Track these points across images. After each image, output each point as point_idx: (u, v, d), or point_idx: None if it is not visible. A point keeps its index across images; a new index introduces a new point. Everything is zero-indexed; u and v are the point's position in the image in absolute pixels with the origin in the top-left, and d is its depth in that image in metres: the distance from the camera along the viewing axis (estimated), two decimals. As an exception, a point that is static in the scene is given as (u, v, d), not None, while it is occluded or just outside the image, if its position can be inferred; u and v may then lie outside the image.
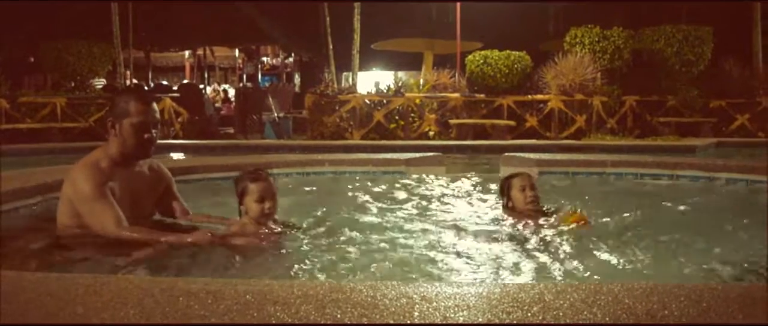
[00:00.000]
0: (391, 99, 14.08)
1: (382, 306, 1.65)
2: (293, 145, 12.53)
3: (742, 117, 15.06)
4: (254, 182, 3.14)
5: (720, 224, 3.61)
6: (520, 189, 3.91)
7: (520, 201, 3.89)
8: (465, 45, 16.46)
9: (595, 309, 1.61)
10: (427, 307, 1.63)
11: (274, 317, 1.60)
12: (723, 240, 3.14)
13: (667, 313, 1.60)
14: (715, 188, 5.35)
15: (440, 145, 12.01)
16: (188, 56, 25.20)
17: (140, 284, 1.92)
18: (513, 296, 1.71)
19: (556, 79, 13.96)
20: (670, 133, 14.08)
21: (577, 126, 14.01)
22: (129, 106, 3.14)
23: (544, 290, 1.76)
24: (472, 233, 3.46)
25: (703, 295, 1.73)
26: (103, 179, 3.08)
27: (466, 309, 1.62)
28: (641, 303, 1.66)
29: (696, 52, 14.84)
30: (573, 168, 5.80)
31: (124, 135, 3.15)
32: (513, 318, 1.57)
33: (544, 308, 1.63)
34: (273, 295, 1.74)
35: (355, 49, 14.99)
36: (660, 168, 5.72)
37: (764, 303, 1.68)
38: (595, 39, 14.46)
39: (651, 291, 1.76)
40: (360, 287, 1.77)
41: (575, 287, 1.77)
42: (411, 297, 1.70)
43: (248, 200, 3.13)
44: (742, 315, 1.61)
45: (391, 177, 5.78)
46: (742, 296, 1.74)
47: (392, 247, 3.00)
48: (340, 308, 1.65)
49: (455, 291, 1.75)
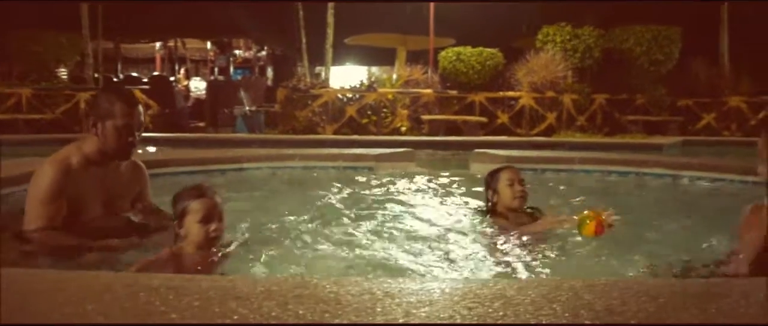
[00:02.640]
0: (364, 94, 14.07)
1: (345, 302, 1.65)
2: (265, 139, 12.44)
3: (708, 116, 15.35)
4: (197, 199, 2.70)
5: (677, 220, 3.68)
6: (507, 184, 3.64)
7: (507, 197, 3.63)
8: (438, 41, 16.50)
9: (555, 305, 1.64)
10: (390, 303, 1.64)
11: (237, 313, 1.59)
12: (676, 236, 3.20)
13: (626, 309, 1.63)
14: (679, 185, 5.45)
15: (412, 140, 12.03)
16: (159, 48, 24.85)
17: (102, 280, 1.90)
18: (475, 292, 1.73)
19: (528, 76, 14.07)
20: (639, 131, 14.30)
21: (547, 123, 14.14)
22: (114, 107, 3.09)
23: (505, 286, 1.78)
24: (436, 229, 3.47)
25: (662, 291, 1.77)
26: (65, 178, 3.03)
27: (428, 305, 1.63)
28: (601, 299, 1.69)
29: (665, 52, 15.09)
30: (541, 165, 5.87)
31: (107, 136, 3.10)
32: (474, 313, 1.59)
33: (505, 304, 1.65)
34: (235, 291, 1.74)
35: (328, 43, 14.93)
36: (626, 165, 5.81)
37: (720, 299, 1.72)
38: (566, 37, 14.61)
39: (611, 287, 1.79)
40: (324, 283, 1.78)
41: (536, 283, 1.79)
42: (374, 293, 1.70)
43: (189, 221, 2.69)
44: (698, 310, 1.64)
45: (360, 172, 5.78)
46: (700, 292, 1.78)
47: (356, 243, 3.00)
48: (302, 304, 1.65)
49: (418, 287, 1.76)
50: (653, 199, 4.60)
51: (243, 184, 5.31)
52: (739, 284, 1.98)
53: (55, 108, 13.95)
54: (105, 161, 3.19)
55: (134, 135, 3.14)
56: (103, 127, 3.09)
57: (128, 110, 3.09)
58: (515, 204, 3.61)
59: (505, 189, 3.63)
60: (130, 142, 3.13)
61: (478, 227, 3.56)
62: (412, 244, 3.08)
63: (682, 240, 3.30)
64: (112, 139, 3.09)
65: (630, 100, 15.13)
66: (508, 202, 3.62)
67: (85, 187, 3.09)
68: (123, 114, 3.07)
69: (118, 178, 3.28)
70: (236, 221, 3.32)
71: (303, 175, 5.81)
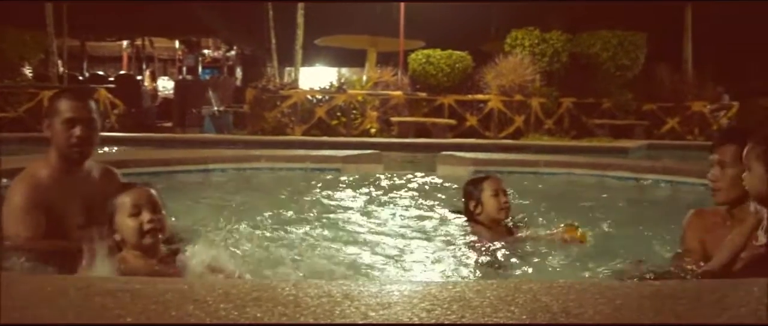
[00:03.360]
0: (334, 95, 14.04)
1: (303, 305, 1.64)
2: (233, 139, 12.35)
3: (672, 120, 15.66)
4: (124, 193, 2.44)
5: (639, 222, 3.74)
6: (492, 194, 3.46)
7: (492, 207, 3.45)
8: (408, 43, 16.55)
9: (513, 307, 1.65)
10: (349, 306, 1.64)
11: (194, 316, 1.58)
12: (637, 238, 3.25)
13: (583, 310, 1.65)
14: (642, 188, 5.54)
15: (381, 142, 12.02)
16: (126, 46, 24.49)
17: (56, 283, 1.86)
18: (434, 294, 1.73)
19: (497, 79, 14.19)
20: (605, 135, 14.52)
21: (515, 126, 14.28)
22: (59, 103, 3.00)
23: (464, 288, 1.79)
24: (399, 232, 3.47)
25: (618, 293, 1.79)
26: (36, 192, 2.94)
27: (387, 307, 1.63)
28: (558, 301, 1.70)
29: (630, 57, 15.34)
30: (507, 167, 5.91)
31: (55, 134, 2.99)
32: (432, 315, 1.59)
33: (463, 306, 1.65)
34: (193, 294, 1.71)
35: (297, 44, 14.87)
36: (591, 168, 5.89)
37: (673, 301, 1.75)
38: (534, 41, 14.77)
39: (569, 289, 1.81)
40: (282, 285, 1.76)
41: (495, 285, 1.80)
42: (333, 296, 1.70)
43: (120, 218, 2.39)
44: (652, 312, 1.67)
45: (327, 174, 5.77)
46: (654, 294, 1.81)
47: (316, 246, 2.99)
48: (260, 307, 1.63)
49: (377, 290, 1.76)
50: (616, 202, 4.67)
51: (207, 186, 5.26)
52: (692, 286, 2.02)
53: (18, 106, 13.67)
54: (70, 167, 3.07)
55: (84, 130, 2.98)
56: (52, 125, 3.00)
57: (72, 104, 2.98)
58: (501, 215, 3.47)
59: (490, 199, 3.46)
60: (80, 137, 2.97)
61: (451, 232, 3.54)
62: (373, 247, 3.08)
63: (642, 241, 3.36)
64: (61, 136, 2.97)
65: (597, 103, 15.36)
66: (493, 213, 3.46)
67: (60, 198, 2.96)
68: (68, 108, 2.97)
69: (93, 186, 3.13)
70: (197, 223, 3.28)
71: (269, 177, 5.77)
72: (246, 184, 5.37)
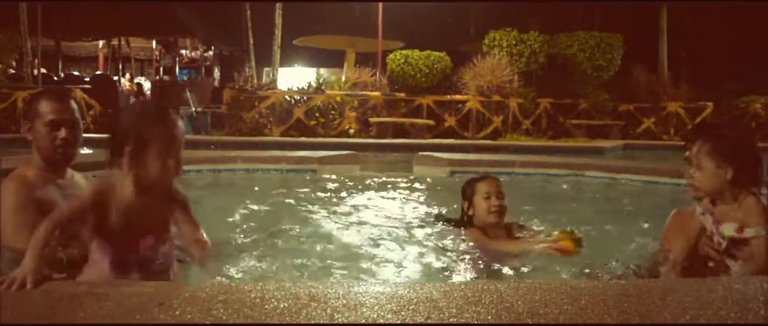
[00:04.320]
0: (312, 96, 14.01)
1: (269, 307, 1.64)
2: (210, 140, 12.26)
3: (648, 120, 15.84)
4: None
5: (612, 221, 3.77)
6: (484, 197, 3.34)
7: (482, 211, 3.33)
8: (386, 44, 16.57)
9: (479, 308, 1.66)
10: (315, 307, 1.64)
11: (158, 319, 1.57)
12: (610, 237, 3.28)
13: (548, 311, 1.67)
14: (616, 188, 5.60)
15: (360, 142, 12.02)
16: (102, 46, 24.21)
17: (20, 286, 1.83)
18: (401, 295, 1.74)
19: (475, 80, 14.26)
20: (582, 135, 14.65)
21: (493, 126, 14.34)
22: (40, 105, 2.91)
23: (431, 289, 1.79)
24: (372, 233, 3.45)
25: (583, 293, 1.81)
26: (27, 189, 2.88)
27: (354, 309, 1.63)
28: (524, 301, 1.72)
29: (607, 58, 15.51)
30: (483, 168, 5.93)
31: (38, 136, 2.91)
32: (399, 317, 1.59)
33: (431, 307, 1.66)
34: (159, 297, 1.70)
35: (275, 44, 14.81)
36: (566, 168, 5.94)
37: (638, 300, 1.77)
38: (512, 42, 14.87)
39: (535, 289, 1.82)
40: (248, 288, 1.76)
41: (462, 286, 1.81)
42: (299, 298, 1.70)
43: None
44: (616, 312, 1.68)
45: (303, 175, 5.75)
46: (619, 293, 1.83)
47: (286, 248, 2.98)
48: (227, 309, 1.63)
49: (344, 291, 1.76)
50: (590, 201, 4.71)
51: (182, 187, 5.20)
52: (657, 285, 2.04)
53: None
54: (55, 170, 2.98)
55: (68, 132, 2.90)
56: (34, 127, 2.92)
57: (54, 105, 2.90)
58: (491, 219, 3.32)
59: (481, 202, 3.34)
60: (63, 139, 2.89)
61: (425, 234, 3.50)
62: (344, 248, 3.08)
63: (615, 240, 3.39)
64: (43, 139, 2.89)
65: (574, 104, 15.49)
66: (483, 217, 3.33)
67: (49, 200, 2.93)
68: (50, 110, 2.88)
69: (77, 189, 2.99)
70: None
71: (244, 178, 5.74)
72: (220, 185, 5.33)
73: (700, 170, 2.56)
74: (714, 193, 2.55)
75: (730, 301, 1.77)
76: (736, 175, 2.48)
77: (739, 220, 2.46)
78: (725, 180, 2.49)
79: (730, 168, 2.48)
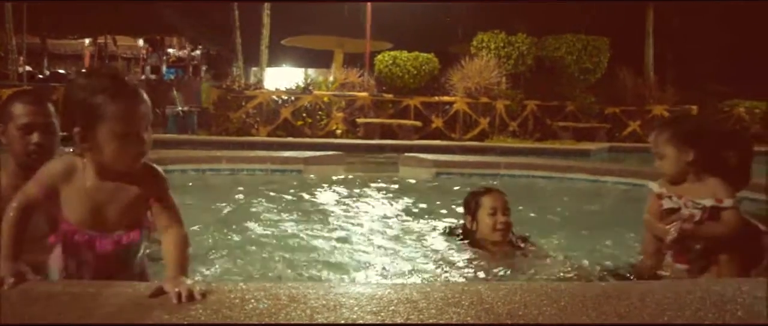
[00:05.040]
0: (299, 96, 13.98)
1: (249, 308, 1.64)
2: (197, 140, 12.20)
3: (633, 123, 15.94)
4: None
5: (595, 223, 3.79)
6: (489, 212, 3.10)
7: (487, 227, 3.10)
8: (375, 45, 16.57)
9: (458, 309, 1.66)
10: (295, 308, 1.63)
11: (135, 319, 1.56)
12: (592, 239, 3.29)
13: (527, 312, 1.67)
14: (600, 190, 5.63)
15: (347, 143, 12.01)
16: (88, 44, 24.06)
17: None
18: (381, 296, 1.74)
19: (462, 81, 14.29)
20: (568, 137, 14.72)
21: (480, 128, 14.38)
22: (14, 107, 2.75)
23: (411, 290, 1.79)
24: (356, 233, 3.45)
25: (562, 294, 1.81)
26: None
27: (334, 310, 1.63)
28: (503, 303, 1.72)
29: (594, 61, 15.59)
30: (468, 169, 5.96)
31: (10, 140, 2.76)
32: (379, 318, 1.59)
33: (410, 307, 1.66)
34: (136, 297, 1.69)
35: (263, 44, 14.77)
36: (550, 170, 5.97)
37: (616, 301, 1.78)
38: (500, 44, 14.91)
39: (515, 290, 1.83)
40: (228, 288, 1.75)
41: (442, 287, 1.81)
42: (279, 299, 1.69)
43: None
44: (595, 313, 1.69)
45: (288, 175, 5.74)
46: (598, 295, 1.84)
47: (267, 248, 2.97)
48: (206, 310, 1.62)
49: (324, 292, 1.76)
50: (573, 203, 4.73)
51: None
52: (637, 287, 2.06)
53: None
54: (30, 175, 2.88)
55: (41, 136, 2.74)
56: (7, 130, 2.77)
57: (28, 107, 2.73)
58: (496, 237, 3.08)
59: (486, 218, 3.11)
60: (38, 145, 2.72)
61: (409, 235, 3.49)
62: (327, 249, 3.07)
63: (597, 242, 3.40)
64: (16, 143, 2.74)
65: (560, 106, 15.57)
66: (487, 234, 3.10)
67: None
68: (23, 112, 2.73)
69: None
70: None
71: (228, 178, 5.71)
72: (204, 185, 5.30)
73: (664, 157, 2.74)
74: (679, 176, 2.74)
75: (707, 302, 1.78)
76: (697, 157, 2.67)
77: (711, 194, 2.64)
78: (687, 162, 2.68)
79: (691, 151, 2.67)
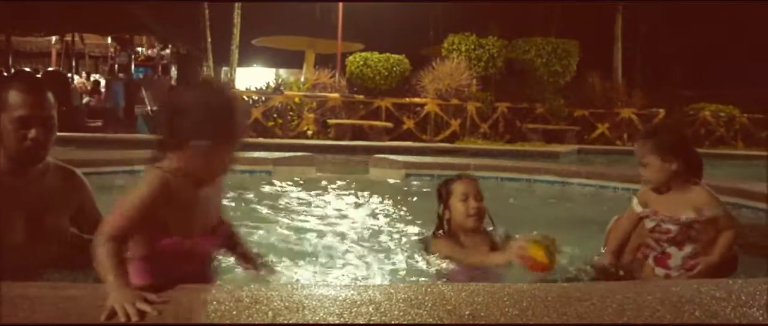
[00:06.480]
0: (270, 96, 13.92)
1: (211, 309, 1.63)
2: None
3: (602, 126, 16.17)
4: None
5: (562, 224, 3.83)
6: (461, 198, 3.04)
7: (460, 214, 3.03)
8: (346, 45, 16.57)
9: (421, 310, 1.67)
10: (257, 309, 1.63)
11: (96, 321, 1.54)
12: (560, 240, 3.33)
13: (489, 313, 1.69)
14: (568, 192, 5.70)
15: (318, 144, 12.00)
16: (55, 42, 23.61)
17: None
18: (344, 297, 1.74)
19: (433, 83, 14.35)
20: (538, 139, 14.87)
21: (451, 130, 14.46)
22: (10, 97, 2.47)
23: (375, 291, 1.80)
24: (324, 234, 3.44)
25: (524, 295, 1.84)
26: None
27: (296, 311, 1.63)
28: (466, 304, 1.73)
29: (563, 64, 15.79)
30: (437, 170, 5.99)
31: (4, 133, 2.49)
32: (342, 319, 1.59)
33: (373, 309, 1.66)
34: (97, 299, 1.67)
35: (234, 43, 14.67)
36: (519, 172, 6.03)
37: (578, 303, 1.81)
38: (471, 46, 15.02)
39: (477, 291, 1.85)
40: (189, 289, 1.74)
41: (405, 288, 1.82)
42: (242, 301, 1.69)
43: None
44: (556, 314, 1.71)
45: (257, 176, 5.71)
46: (560, 296, 1.86)
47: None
48: (169, 311, 1.61)
49: (287, 294, 1.75)
50: (541, 205, 4.79)
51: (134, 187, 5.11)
52: (598, 288, 2.09)
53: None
54: (19, 170, 2.60)
55: (40, 131, 2.51)
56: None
57: (28, 99, 2.48)
58: (469, 223, 3.02)
59: (458, 204, 3.04)
60: (35, 141, 2.50)
61: (377, 236, 3.50)
62: (294, 251, 3.06)
63: (564, 244, 3.43)
64: (11, 137, 2.49)
65: (530, 108, 15.73)
66: (461, 220, 3.04)
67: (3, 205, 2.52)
68: (21, 103, 2.46)
69: (43, 190, 2.67)
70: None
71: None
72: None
73: (648, 166, 2.80)
74: (663, 185, 2.81)
75: (666, 303, 1.82)
76: (681, 166, 2.75)
77: (692, 205, 2.73)
78: (672, 172, 2.76)
79: (675, 161, 2.75)
